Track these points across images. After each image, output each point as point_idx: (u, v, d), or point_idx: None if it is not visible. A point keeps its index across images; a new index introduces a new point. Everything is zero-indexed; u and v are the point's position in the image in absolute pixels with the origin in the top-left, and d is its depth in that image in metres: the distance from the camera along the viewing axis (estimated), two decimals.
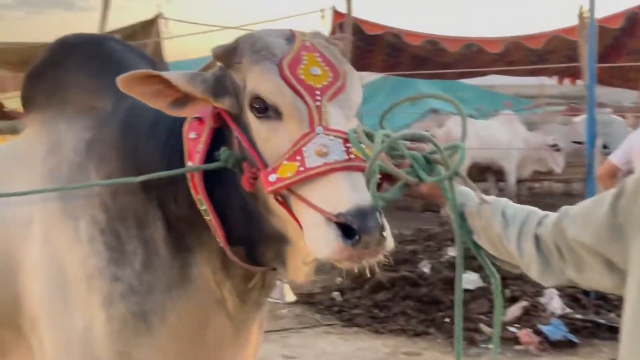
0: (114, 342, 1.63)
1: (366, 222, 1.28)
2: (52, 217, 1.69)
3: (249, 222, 1.58)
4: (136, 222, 1.68)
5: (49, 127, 1.81)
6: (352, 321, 5.28)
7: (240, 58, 1.50)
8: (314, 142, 1.37)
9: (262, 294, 1.74)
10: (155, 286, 1.65)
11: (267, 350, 4.67)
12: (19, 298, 1.70)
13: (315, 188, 1.35)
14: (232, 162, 1.51)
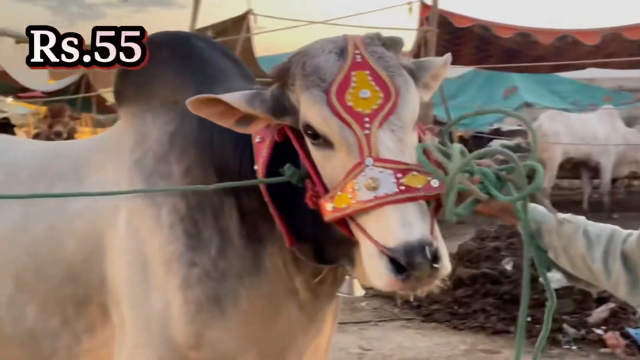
0: (190, 323, 1.70)
1: (414, 259, 1.28)
2: (137, 204, 1.78)
3: (317, 224, 1.58)
4: (212, 212, 1.74)
5: (137, 120, 1.90)
6: (431, 317, 5.25)
7: (293, 80, 1.50)
8: (364, 175, 1.36)
9: (334, 287, 1.78)
10: (229, 273, 1.71)
11: (344, 341, 4.74)
12: (105, 279, 1.80)
13: (370, 219, 1.36)
14: (295, 178, 1.53)
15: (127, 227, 1.78)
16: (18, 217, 1.89)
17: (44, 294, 1.86)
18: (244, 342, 1.77)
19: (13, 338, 1.92)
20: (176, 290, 1.70)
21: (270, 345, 1.82)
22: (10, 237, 1.89)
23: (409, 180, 1.36)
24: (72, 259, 1.82)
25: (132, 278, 1.76)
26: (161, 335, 1.73)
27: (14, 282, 1.88)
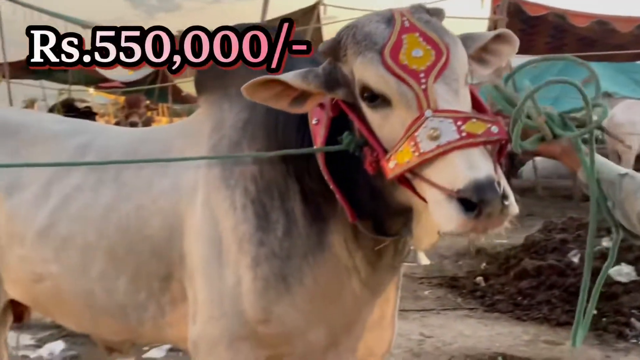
0: (258, 299, 1.83)
1: (485, 194, 1.31)
2: (213, 186, 1.91)
3: (375, 197, 1.67)
4: (279, 194, 1.84)
5: (215, 107, 2.04)
6: (494, 307, 5.23)
7: (344, 51, 1.55)
8: (425, 127, 1.40)
9: (396, 259, 1.85)
10: (294, 252, 1.82)
11: (405, 328, 4.80)
12: (183, 256, 1.94)
13: (434, 168, 1.39)
14: (353, 146, 1.59)
15: (204, 208, 1.90)
16: (110, 197, 2.05)
17: (133, 269, 2.01)
18: (311, 317, 1.87)
19: (105, 309, 2.09)
20: (246, 268, 1.83)
21: (336, 320, 1.92)
22: (104, 215, 2.05)
23: (470, 127, 1.39)
24: (157, 236, 1.97)
25: (208, 255, 1.89)
26: (233, 309, 1.85)
27: (106, 257, 2.04)
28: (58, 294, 2.14)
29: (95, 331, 2.28)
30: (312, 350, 1.93)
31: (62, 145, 2.20)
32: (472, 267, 6.23)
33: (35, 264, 2.14)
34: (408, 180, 1.47)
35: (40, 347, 4.33)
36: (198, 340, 1.92)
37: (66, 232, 2.07)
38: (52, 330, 4.59)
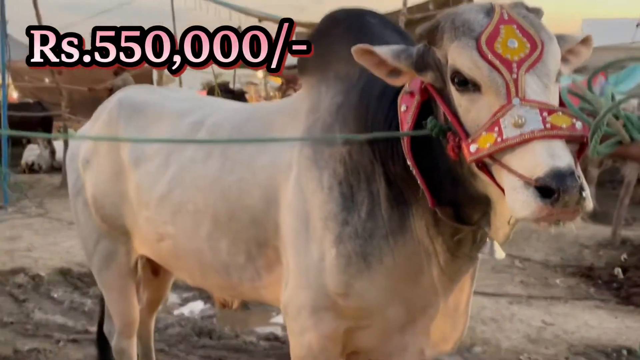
0: (340, 274, 1.95)
1: (564, 182, 1.33)
2: (304, 165, 2.04)
3: (455, 184, 1.72)
4: (365, 177, 1.93)
5: (313, 89, 2.13)
6: (629, 299, 4.99)
7: (441, 35, 1.60)
8: (511, 114, 1.43)
9: (473, 249, 1.91)
10: (376, 233, 1.91)
11: (527, 314, 4.75)
12: (278, 225, 2.11)
13: (514, 155, 1.42)
14: (436, 130, 1.64)
15: (296, 184, 2.05)
16: (216, 169, 2.27)
17: (234, 233, 2.22)
18: (389, 295, 1.97)
19: (212, 266, 2.33)
20: (330, 245, 1.95)
21: (414, 301, 2.01)
22: (211, 185, 2.27)
23: (555, 119, 1.43)
24: (255, 206, 2.15)
25: (297, 229, 2.04)
26: (316, 281, 1.99)
27: (212, 221, 2.26)
28: (175, 251, 2.42)
29: (205, 285, 2.55)
30: (390, 327, 2.04)
31: (179, 123, 2.48)
32: (613, 258, 5.93)
33: (157, 225, 2.43)
34: (487, 166, 1.52)
35: (183, 306, 4.83)
36: (287, 304, 2.10)
37: (180, 198, 2.34)
38: (194, 291, 5.09)
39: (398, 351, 2.10)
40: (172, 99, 2.67)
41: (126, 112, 2.62)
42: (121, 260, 2.67)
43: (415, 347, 2.08)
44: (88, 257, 2.82)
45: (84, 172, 2.67)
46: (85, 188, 2.67)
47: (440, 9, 9.61)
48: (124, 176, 2.53)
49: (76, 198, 2.75)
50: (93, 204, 2.64)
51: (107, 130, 2.64)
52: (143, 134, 2.52)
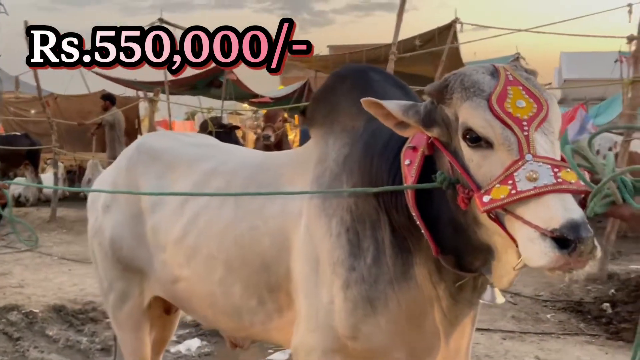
0: (348, 317, 2.03)
1: (580, 233, 1.43)
2: (314, 214, 2.14)
3: (457, 234, 1.80)
4: (371, 225, 2.03)
5: (322, 141, 2.26)
6: (618, 335, 5.07)
7: (450, 94, 1.69)
8: (524, 169, 1.53)
9: (474, 295, 2.00)
10: (381, 279, 2.00)
11: (521, 350, 4.82)
12: (290, 271, 2.19)
13: (529, 207, 1.51)
14: (446, 184, 1.73)
15: (306, 232, 2.14)
16: (229, 217, 2.35)
17: (246, 278, 2.30)
18: (394, 338, 2.05)
19: (224, 309, 2.41)
20: (338, 289, 2.04)
21: (417, 345, 2.09)
22: (224, 231, 2.35)
23: (565, 175, 1.52)
24: (267, 252, 2.24)
25: (307, 274, 2.12)
26: (326, 324, 2.07)
27: (224, 266, 2.34)
28: (189, 293, 2.50)
29: (217, 326, 2.61)
30: None
31: (195, 169, 2.57)
32: (601, 292, 6.04)
33: (173, 268, 2.51)
34: (498, 216, 1.60)
35: (180, 343, 4.83)
36: (298, 347, 2.16)
37: (195, 243, 2.42)
38: (190, 329, 5.11)
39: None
40: (187, 144, 2.76)
41: (144, 158, 2.71)
42: (135, 300, 2.73)
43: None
44: (103, 296, 2.88)
45: (104, 215, 2.74)
46: (103, 230, 2.73)
47: (425, 44, 9.87)
48: (141, 219, 2.61)
49: (93, 239, 2.83)
50: (111, 245, 2.70)
51: (127, 175, 2.72)
52: (160, 179, 2.61)
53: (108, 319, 5.34)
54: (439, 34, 9.83)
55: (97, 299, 5.89)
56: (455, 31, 9.73)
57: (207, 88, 17.15)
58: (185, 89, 16.33)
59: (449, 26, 9.73)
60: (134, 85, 16.80)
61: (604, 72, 13.32)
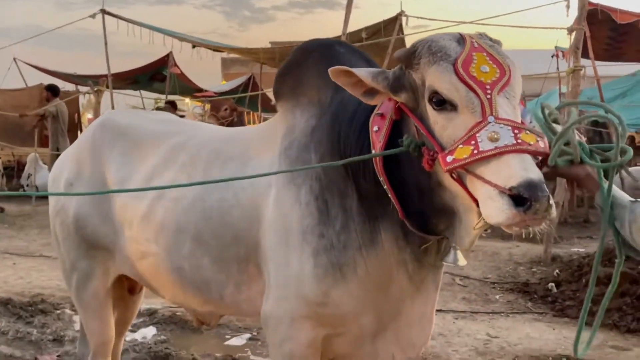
0: (318, 284, 2.06)
1: (536, 192, 1.47)
2: (282, 184, 2.15)
3: (422, 197, 1.86)
4: (339, 193, 2.07)
5: (289, 114, 2.27)
6: (564, 312, 5.29)
7: (418, 60, 1.74)
8: (487, 130, 1.58)
9: (437, 258, 2.05)
10: (349, 245, 2.05)
11: (473, 328, 4.96)
12: (259, 242, 2.20)
13: (488, 167, 1.56)
14: (413, 146, 1.77)
15: (275, 202, 2.16)
16: (198, 190, 2.34)
17: (216, 251, 2.30)
18: (363, 303, 2.10)
19: (193, 283, 2.40)
20: (308, 256, 2.07)
21: (384, 309, 2.14)
22: (192, 205, 2.35)
23: (524, 137, 1.58)
24: (236, 224, 2.24)
25: (277, 243, 2.14)
26: (296, 292, 2.10)
27: (193, 240, 2.34)
28: (157, 269, 2.48)
29: (186, 302, 2.59)
30: (363, 333, 2.16)
31: (161, 145, 2.55)
32: (546, 274, 6.28)
33: (140, 244, 2.48)
34: (460, 177, 1.66)
35: (135, 332, 4.77)
36: (267, 316, 2.18)
37: (162, 218, 2.40)
38: (144, 318, 5.05)
39: (371, 359, 2.22)
40: (152, 121, 2.73)
41: (109, 134, 2.67)
42: (99, 280, 2.69)
43: (386, 353, 2.20)
44: (65, 277, 2.82)
45: None
46: (66, 209, 2.68)
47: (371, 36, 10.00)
48: (107, 197, 2.57)
49: (55, 219, 2.76)
50: (74, 223, 2.65)
51: (90, 153, 2.67)
52: (126, 156, 2.57)
53: (58, 311, 5.29)
54: (385, 26, 9.97)
55: (45, 291, 5.76)
56: (400, 24, 9.88)
57: (149, 82, 16.93)
58: (127, 82, 16.07)
59: (394, 19, 9.87)
60: (73, 79, 16.45)
61: (540, 68, 13.77)
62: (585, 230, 8.95)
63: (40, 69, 16.42)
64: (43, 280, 6.21)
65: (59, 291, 5.76)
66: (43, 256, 7.27)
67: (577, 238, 8.32)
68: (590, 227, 9.20)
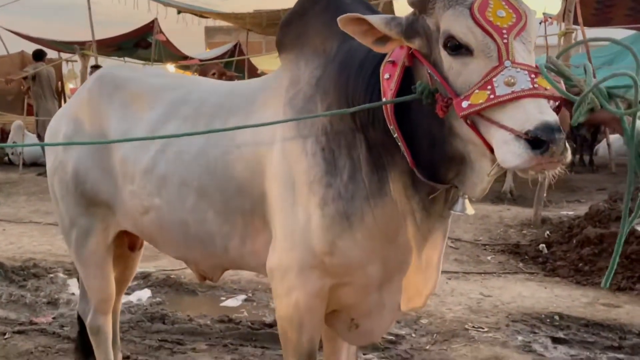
0: (325, 233, 2.06)
1: (553, 134, 1.46)
2: (288, 135, 2.13)
3: (433, 146, 1.84)
4: (346, 144, 2.05)
5: (292, 65, 2.23)
6: (555, 272, 5.37)
7: (433, 4, 1.71)
8: (503, 74, 1.56)
9: (445, 208, 2.04)
10: (357, 195, 2.04)
11: (466, 288, 5.03)
12: (264, 194, 2.19)
13: (504, 112, 1.54)
14: (426, 93, 1.75)
15: (280, 154, 2.15)
16: (200, 143, 2.32)
17: (220, 204, 2.29)
18: (370, 252, 2.10)
19: (197, 237, 2.38)
20: (315, 206, 2.06)
21: (391, 258, 2.14)
22: (195, 158, 2.32)
23: (540, 81, 1.57)
24: (241, 177, 2.23)
25: (283, 195, 2.13)
26: (303, 242, 2.09)
27: (197, 193, 2.32)
28: (160, 223, 2.46)
29: (189, 257, 2.58)
30: (369, 283, 2.17)
31: (162, 98, 2.51)
32: (536, 236, 6.34)
33: (142, 198, 2.46)
34: (474, 123, 1.64)
35: (129, 295, 4.77)
36: (273, 267, 2.18)
37: (165, 172, 2.38)
38: (139, 281, 5.05)
39: (377, 308, 2.24)
40: (153, 75, 2.69)
41: (108, 88, 2.62)
42: (99, 236, 2.67)
43: (392, 303, 2.22)
44: (64, 234, 2.79)
45: (65, 151, 2.65)
46: (65, 165, 2.64)
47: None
48: (108, 151, 2.53)
49: (53, 177, 2.72)
50: (74, 179, 2.62)
51: (89, 107, 2.62)
52: (126, 109, 2.53)
53: (51, 274, 5.27)
54: None
55: (37, 255, 5.74)
56: None
57: (134, 49, 16.69)
58: (111, 49, 15.84)
59: None
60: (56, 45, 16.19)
61: None
62: (573, 195, 9.03)
63: (23, 36, 16.13)
64: (34, 245, 6.19)
65: (51, 256, 5.75)
66: (33, 222, 7.24)
67: (565, 202, 8.40)
68: (578, 192, 9.29)
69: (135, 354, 3.71)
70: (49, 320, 4.32)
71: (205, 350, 3.81)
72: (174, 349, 3.82)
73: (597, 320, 4.33)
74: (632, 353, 3.90)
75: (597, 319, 4.36)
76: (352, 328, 2.32)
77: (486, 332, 4.12)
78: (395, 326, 4.20)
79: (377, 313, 2.26)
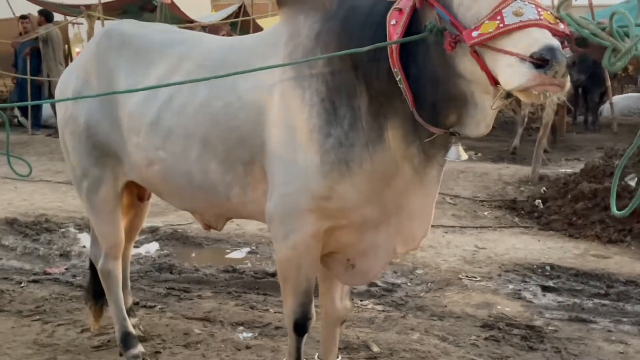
0: (324, 179, 2.17)
1: (556, 54, 1.56)
2: (288, 86, 2.22)
3: (436, 88, 1.92)
4: (347, 94, 2.13)
5: (292, 20, 2.30)
6: (549, 225, 5.54)
7: None
8: (512, 6, 1.67)
9: (442, 153, 2.15)
10: (357, 142, 2.13)
11: (461, 240, 5.20)
12: (264, 142, 2.28)
13: (511, 39, 1.64)
14: (435, 31, 1.84)
15: (281, 103, 2.24)
16: (203, 95, 2.43)
17: (223, 154, 2.40)
18: (367, 196, 2.21)
19: (200, 186, 2.51)
20: (315, 154, 2.16)
21: (388, 202, 2.25)
22: (199, 110, 2.44)
23: (546, 16, 1.68)
24: (242, 127, 2.33)
25: (283, 143, 2.24)
26: (302, 187, 2.21)
27: (201, 144, 2.43)
28: (165, 175, 2.58)
29: (193, 206, 2.72)
30: (366, 223, 2.29)
31: (167, 54, 2.62)
32: (533, 192, 6.49)
33: (147, 150, 2.58)
34: (480, 54, 1.72)
35: (138, 247, 4.97)
36: (273, 212, 2.31)
37: (169, 124, 2.50)
38: (147, 235, 5.25)
39: (373, 249, 2.37)
40: (158, 30, 2.81)
41: (115, 42, 2.74)
42: (109, 185, 2.81)
43: (387, 245, 2.35)
44: (76, 184, 2.94)
45: (75, 104, 2.78)
46: (76, 117, 2.78)
47: None
48: (116, 104, 2.67)
49: (65, 129, 2.86)
50: (86, 131, 2.75)
51: (97, 61, 2.75)
52: (133, 64, 2.65)
53: (63, 229, 5.48)
54: None
55: (49, 211, 5.94)
56: None
57: (139, 12, 16.67)
58: (117, 13, 15.84)
59: None
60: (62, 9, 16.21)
61: None
62: (573, 153, 9.16)
63: None
64: (46, 202, 6.38)
65: (62, 212, 5.95)
66: (43, 180, 7.43)
67: (565, 160, 8.53)
68: (578, 151, 9.41)
69: (144, 300, 3.91)
70: (61, 271, 4.53)
71: (211, 297, 4.01)
72: (181, 296, 4.02)
73: (586, 270, 4.52)
74: (617, 299, 4.09)
75: (586, 269, 4.54)
76: (349, 268, 2.46)
77: (479, 281, 4.31)
78: (391, 276, 4.39)
79: (372, 253, 2.38)
